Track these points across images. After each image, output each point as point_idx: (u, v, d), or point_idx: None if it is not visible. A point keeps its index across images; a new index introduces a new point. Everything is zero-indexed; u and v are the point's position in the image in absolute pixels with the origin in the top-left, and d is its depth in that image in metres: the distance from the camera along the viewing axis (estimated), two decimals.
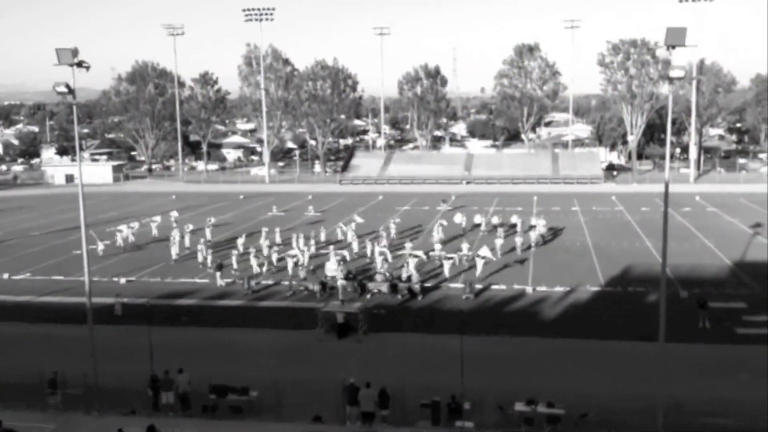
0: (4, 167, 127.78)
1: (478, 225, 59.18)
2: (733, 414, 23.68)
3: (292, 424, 21.77)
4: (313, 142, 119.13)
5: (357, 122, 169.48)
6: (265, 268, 45.78)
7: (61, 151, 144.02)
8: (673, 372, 24.91)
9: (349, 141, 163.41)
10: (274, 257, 47.95)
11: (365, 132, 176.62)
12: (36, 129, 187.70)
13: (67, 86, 23.65)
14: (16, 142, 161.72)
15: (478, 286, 40.54)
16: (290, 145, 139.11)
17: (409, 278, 40.62)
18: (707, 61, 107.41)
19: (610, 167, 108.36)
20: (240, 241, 52.58)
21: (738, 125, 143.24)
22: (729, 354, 29.93)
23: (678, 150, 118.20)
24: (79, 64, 23.54)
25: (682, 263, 45.07)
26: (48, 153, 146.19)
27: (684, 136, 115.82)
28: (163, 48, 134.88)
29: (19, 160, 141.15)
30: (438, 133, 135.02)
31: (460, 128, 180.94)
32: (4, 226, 67.30)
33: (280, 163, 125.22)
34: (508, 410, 24.05)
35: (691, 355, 29.52)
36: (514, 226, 56.61)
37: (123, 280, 44.71)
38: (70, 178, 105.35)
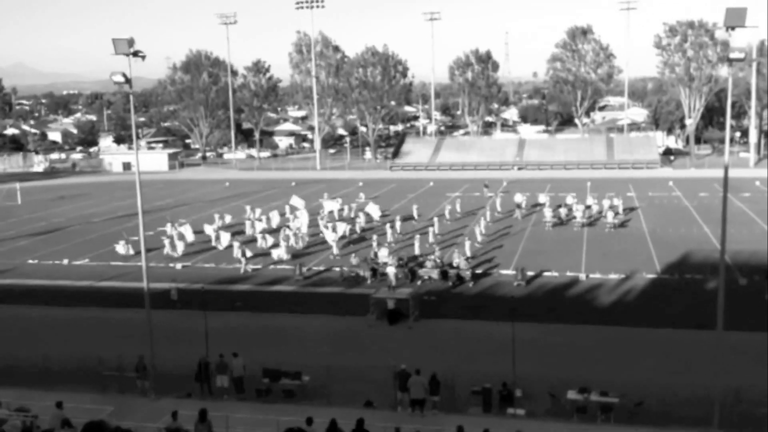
0: (63, 155, 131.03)
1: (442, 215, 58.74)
2: None
3: (343, 409, 21.92)
4: (363, 129, 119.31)
5: (407, 108, 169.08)
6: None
7: (119, 140, 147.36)
8: (731, 361, 24.31)
9: (400, 127, 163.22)
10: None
11: (416, 118, 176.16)
12: (94, 118, 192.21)
13: (124, 76, 24.05)
14: (74, 130, 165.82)
15: (530, 273, 40.18)
16: (341, 131, 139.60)
17: (458, 265, 40.51)
18: None
19: (667, 152, 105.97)
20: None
21: None
22: None
23: (737, 134, 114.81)
24: (135, 54, 23.91)
25: (741, 250, 43.90)
26: (106, 141, 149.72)
27: (744, 119, 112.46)
28: (217, 37, 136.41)
29: (78, 149, 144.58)
30: (489, 118, 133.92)
31: (511, 113, 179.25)
32: (64, 213, 69.19)
33: (331, 150, 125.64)
34: (560, 398, 23.82)
35: (749, 343, 28.77)
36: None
37: (179, 266, 45.63)
38: (127, 166, 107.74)
